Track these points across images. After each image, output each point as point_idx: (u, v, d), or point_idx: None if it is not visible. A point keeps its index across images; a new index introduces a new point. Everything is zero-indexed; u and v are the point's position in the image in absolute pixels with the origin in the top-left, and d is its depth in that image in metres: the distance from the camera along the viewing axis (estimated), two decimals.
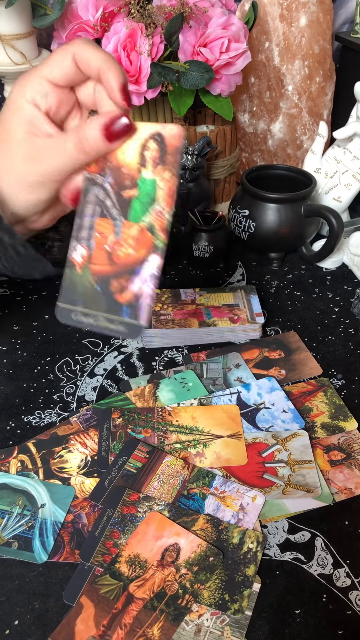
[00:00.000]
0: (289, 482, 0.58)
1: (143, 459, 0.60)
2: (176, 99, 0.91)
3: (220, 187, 1.04)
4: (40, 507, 0.57)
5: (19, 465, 0.61)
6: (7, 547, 0.54)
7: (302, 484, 0.58)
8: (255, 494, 0.57)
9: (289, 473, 0.59)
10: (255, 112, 1.07)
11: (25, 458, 0.62)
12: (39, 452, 0.62)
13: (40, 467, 0.61)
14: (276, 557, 0.53)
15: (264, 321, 0.79)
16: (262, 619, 0.49)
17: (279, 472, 0.59)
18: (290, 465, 0.60)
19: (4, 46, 0.97)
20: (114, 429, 0.64)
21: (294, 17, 0.99)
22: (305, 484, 0.58)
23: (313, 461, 0.60)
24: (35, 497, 0.58)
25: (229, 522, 0.55)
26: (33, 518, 0.56)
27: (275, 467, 0.60)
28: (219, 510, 0.56)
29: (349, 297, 0.85)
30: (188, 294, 0.82)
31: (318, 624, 0.48)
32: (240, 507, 0.56)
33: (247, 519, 0.55)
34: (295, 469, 0.59)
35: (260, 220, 0.87)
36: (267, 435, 0.63)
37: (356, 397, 0.69)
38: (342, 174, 0.92)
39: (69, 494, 0.58)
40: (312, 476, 0.58)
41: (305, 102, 1.05)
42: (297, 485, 0.58)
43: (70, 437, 0.63)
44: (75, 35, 0.91)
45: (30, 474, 0.60)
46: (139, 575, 0.51)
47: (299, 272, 0.91)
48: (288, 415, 0.65)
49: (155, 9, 0.87)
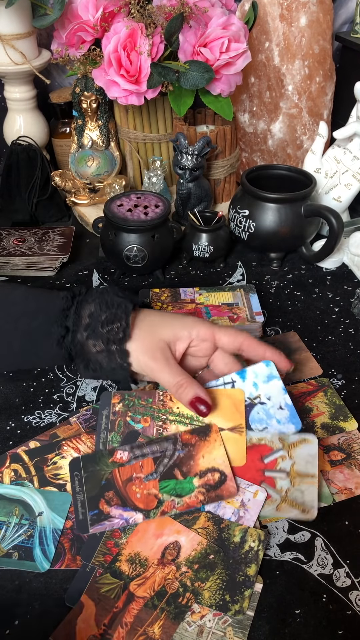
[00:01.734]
0: (285, 498, 0.55)
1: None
2: (176, 99, 0.91)
3: (220, 187, 1.04)
4: (38, 516, 0.56)
5: (13, 474, 0.60)
6: (7, 559, 0.53)
7: (299, 501, 0.55)
8: (257, 489, 0.56)
9: (287, 486, 0.56)
10: (255, 112, 1.07)
11: (19, 467, 0.61)
12: (31, 459, 0.61)
13: (35, 475, 0.60)
14: (276, 557, 0.53)
15: (264, 321, 0.79)
16: (262, 619, 0.49)
17: (277, 484, 0.56)
18: (291, 478, 0.56)
19: (4, 46, 0.97)
20: (113, 417, 0.62)
21: (294, 17, 0.99)
22: (302, 502, 0.55)
23: (316, 476, 0.56)
24: (32, 506, 0.57)
25: (230, 519, 0.54)
26: (32, 527, 0.55)
27: (275, 478, 0.57)
28: (220, 507, 0.55)
29: (349, 297, 0.85)
30: (188, 293, 0.82)
31: (318, 624, 0.48)
32: (241, 504, 0.55)
33: (247, 516, 0.55)
34: (296, 482, 0.56)
35: (260, 220, 0.87)
36: (274, 437, 0.59)
37: (356, 397, 0.69)
38: (342, 174, 0.92)
39: (66, 500, 0.57)
40: (310, 493, 0.55)
41: (305, 102, 1.05)
42: (293, 502, 0.55)
43: (62, 442, 0.63)
44: (75, 35, 0.91)
45: (25, 483, 0.59)
46: (140, 574, 0.51)
47: (299, 272, 0.91)
48: (284, 414, 0.60)
49: (155, 9, 0.87)
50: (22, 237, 0.94)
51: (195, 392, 0.57)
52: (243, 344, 0.60)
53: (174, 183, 1.08)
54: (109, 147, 1.03)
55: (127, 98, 0.90)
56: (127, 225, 0.83)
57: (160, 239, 0.85)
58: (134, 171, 1.06)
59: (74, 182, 1.02)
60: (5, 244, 0.92)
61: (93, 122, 1.01)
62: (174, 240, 0.88)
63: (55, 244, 0.92)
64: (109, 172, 1.03)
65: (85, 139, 1.02)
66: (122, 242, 0.84)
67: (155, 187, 0.99)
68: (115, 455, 0.57)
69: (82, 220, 1.02)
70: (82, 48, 0.93)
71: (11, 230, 0.96)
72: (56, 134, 1.11)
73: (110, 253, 0.87)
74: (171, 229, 0.87)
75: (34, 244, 0.92)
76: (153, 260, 0.86)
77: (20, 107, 1.05)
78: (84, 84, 0.97)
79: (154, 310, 0.63)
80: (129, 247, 0.84)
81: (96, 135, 1.02)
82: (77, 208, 1.03)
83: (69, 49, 0.93)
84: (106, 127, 1.01)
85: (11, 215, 1.01)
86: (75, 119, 1.02)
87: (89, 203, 1.03)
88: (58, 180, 1.00)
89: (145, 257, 0.85)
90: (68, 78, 1.15)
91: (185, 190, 0.95)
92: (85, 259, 0.94)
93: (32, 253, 0.90)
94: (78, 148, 1.03)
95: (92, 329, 0.57)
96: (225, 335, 0.60)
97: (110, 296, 0.59)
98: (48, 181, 1.01)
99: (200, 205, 0.97)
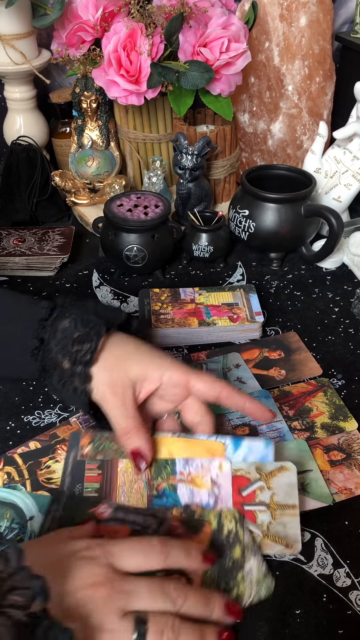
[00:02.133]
0: (268, 533, 0.52)
1: (97, 477, 0.56)
2: (176, 99, 0.91)
3: (220, 187, 1.04)
4: (29, 520, 0.55)
5: (6, 477, 0.60)
6: None
7: (282, 535, 0.52)
8: (220, 461, 0.53)
9: (268, 520, 0.53)
10: (255, 112, 1.07)
11: (12, 470, 0.60)
12: (25, 463, 0.61)
13: (28, 478, 0.59)
14: (276, 557, 0.53)
15: (264, 321, 0.79)
16: (262, 619, 0.49)
17: (258, 518, 0.53)
18: (271, 510, 0.53)
19: (4, 46, 0.97)
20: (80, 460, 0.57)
21: (294, 17, 0.99)
22: (284, 536, 0.52)
23: (297, 507, 0.53)
24: (23, 510, 0.56)
25: (207, 504, 0.52)
26: (22, 531, 0.54)
27: (255, 512, 0.53)
28: (194, 494, 0.53)
29: (349, 297, 0.85)
30: (187, 293, 0.82)
31: (318, 624, 0.48)
32: (212, 482, 0.53)
33: (222, 492, 0.53)
34: (277, 515, 0.53)
35: (260, 220, 0.87)
36: (250, 467, 0.55)
37: (356, 397, 0.69)
38: (342, 174, 0.92)
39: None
40: (293, 526, 0.52)
41: (305, 102, 1.05)
42: (275, 536, 0.52)
43: (56, 446, 0.63)
44: (75, 35, 0.91)
45: (18, 486, 0.59)
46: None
47: (299, 272, 0.91)
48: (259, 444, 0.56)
49: (155, 9, 0.87)
50: (22, 237, 0.94)
51: (139, 444, 0.52)
52: (221, 394, 0.54)
53: (174, 183, 1.08)
54: (109, 147, 1.03)
55: (127, 98, 0.90)
56: (127, 225, 0.83)
57: (160, 239, 0.85)
58: (134, 171, 1.06)
59: (74, 182, 1.02)
60: (5, 244, 0.92)
61: (93, 122, 1.01)
62: (174, 240, 0.88)
63: (55, 244, 0.92)
64: (109, 172, 1.03)
65: (85, 139, 1.02)
66: (122, 242, 0.84)
67: (155, 187, 0.99)
68: (98, 508, 0.53)
69: (82, 220, 1.02)
70: (82, 48, 0.93)
71: (11, 230, 0.96)
72: (56, 134, 1.11)
73: (110, 253, 0.87)
74: (171, 229, 0.87)
75: (34, 244, 0.92)
76: (153, 260, 0.86)
77: (20, 107, 1.05)
78: (84, 84, 0.97)
79: (132, 339, 0.57)
80: (129, 247, 0.84)
81: (96, 135, 1.02)
82: (77, 208, 1.03)
83: (69, 49, 0.93)
84: (106, 127, 1.01)
85: (11, 215, 1.01)
86: (75, 119, 1.02)
87: (89, 203, 1.03)
88: (58, 180, 1.00)
89: (145, 257, 0.85)
90: (68, 78, 1.15)
91: (185, 190, 0.95)
92: (85, 259, 0.94)
93: (32, 253, 0.90)
94: (78, 148, 1.03)
95: (63, 345, 0.54)
96: (201, 382, 0.54)
97: (88, 314, 0.55)
98: (48, 181, 1.01)
99: (200, 205, 0.97)
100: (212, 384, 0.54)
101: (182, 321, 0.77)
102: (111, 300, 0.86)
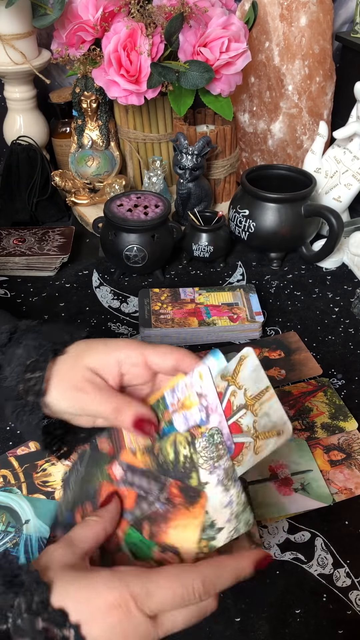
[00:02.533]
0: (257, 434, 0.46)
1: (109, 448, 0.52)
2: (176, 98, 0.91)
3: (220, 187, 1.04)
4: (25, 523, 0.55)
5: (1, 480, 0.59)
6: None
7: (270, 427, 0.46)
8: (198, 371, 0.49)
9: (252, 420, 0.47)
10: (255, 112, 1.07)
11: (8, 473, 0.60)
12: (21, 466, 0.61)
13: (24, 481, 0.59)
14: (276, 557, 0.53)
15: (264, 321, 0.79)
16: (262, 619, 0.49)
17: (242, 425, 0.47)
18: (250, 408, 0.47)
19: (4, 46, 0.97)
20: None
21: (294, 17, 0.99)
22: (272, 425, 0.45)
23: (270, 387, 0.47)
24: (19, 513, 0.56)
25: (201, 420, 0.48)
26: (17, 535, 0.54)
27: (238, 421, 0.47)
28: (188, 419, 0.49)
29: (349, 297, 0.85)
30: (188, 293, 0.82)
31: (318, 624, 0.48)
32: (198, 395, 0.49)
33: (210, 399, 0.48)
34: (256, 408, 0.47)
35: (260, 220, 0.87)
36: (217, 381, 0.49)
37: (356, 397, 0.69)
38: (342, 174, 0.92)
39: (54, 509, 0.56)
40: (275, 410, 0.46)
41: (305, 102, 1.05)
42: (265, 432, 0.46)
43: None
44: (75, 35, 0.91)
45: (14, 489, 0.58)
46: None
47: (299, 272, 0.91)
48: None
49: (155, 8, 0.87)
50: (22, 237, 0.94)
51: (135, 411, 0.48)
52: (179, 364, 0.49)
53: (174, 183, 1.08)
54: (109, 147, 1.03)
55: (127, 98, 0.90)
56: (127, 225, 0.83)
57: (160, 239, 0.85)
58: (134, 171, 1.06)
59: (74, 182, 1.02)
60: (5, 244, 0.92)
61: (93, 122, 1.01)
62: (174, 240, 0.88)
63: (55, 244, 0.92)
64: (109, 172, 1.03)
65: (85, 139, 1.02)
66: (122, 242, 0.84)
67: (155, 187, 0.99)
68: (111, 467, 0.51)
69: (82, 220, 1.02)
70: (82, 48, 0.93)
71: (11, 230, 0.96)
72: (56, 134, 1.11)
73: (110, 253, 0.87)
74: (171, 229, 0.87)
75: (34, 244, 0.92)
76: (153, 260, 0.86)
77: (20, 107, 1.05)
78: (84, 84, 0.97)
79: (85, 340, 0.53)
80: (129, 247, 0.84)
81: (96, 135, 1.02)
82: (77, 208, 1.03)
83: (69, 49, 0.93)
84: (106, 127, 1.01)
85: (11, 215, 1.01)
86: (75, 119, 1.02)
87: (89, 203, 1.03)
88: (58, 180, 1.00)
89: (145, 257, 0.85)
90: (68, 78, 1.15)
91: (185, 190, 0.95)
92: (85, 259, 0.94)
93: (32, 253, 0.90)
94: (78, 148, 1.03)
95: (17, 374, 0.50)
96: (155, 354, 0.50)
97: (39, 340, 0.52)
98: (48, 181, 1.01)
99: (200, 205, 0.97)
100: (164, 354, 0.50)
101: (182, 321, 0.77)
102: (111, 300, 0.86)
